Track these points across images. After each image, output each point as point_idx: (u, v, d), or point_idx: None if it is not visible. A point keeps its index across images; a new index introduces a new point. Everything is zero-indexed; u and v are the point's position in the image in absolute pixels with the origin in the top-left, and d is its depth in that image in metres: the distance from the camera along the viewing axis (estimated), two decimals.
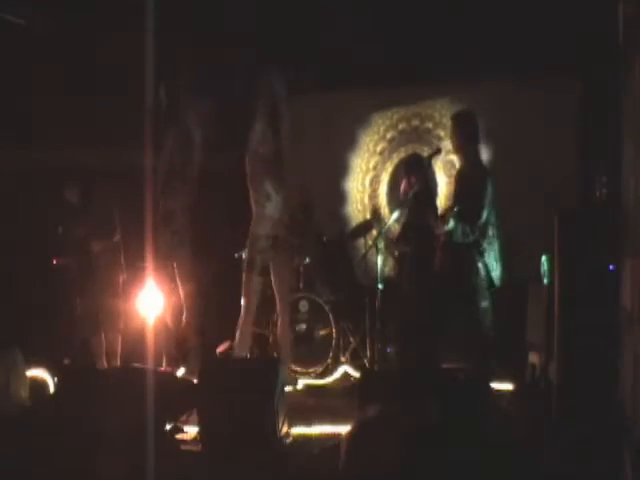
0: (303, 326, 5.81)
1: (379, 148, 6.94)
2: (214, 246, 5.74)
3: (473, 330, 4.43)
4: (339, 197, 6.99)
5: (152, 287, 5.35)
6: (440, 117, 6.69)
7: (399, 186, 5.45)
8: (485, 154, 5.78)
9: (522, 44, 5.70)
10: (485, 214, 4.35)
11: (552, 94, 6.10)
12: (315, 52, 6.13)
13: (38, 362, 5.15)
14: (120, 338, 5.51)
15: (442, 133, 6.64)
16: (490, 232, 4.38)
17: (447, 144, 6.35)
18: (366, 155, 6.98)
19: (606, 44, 4.37)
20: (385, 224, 5.18)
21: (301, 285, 6.01)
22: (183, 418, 4.36)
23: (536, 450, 3.62)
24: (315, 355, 5.75)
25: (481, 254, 4.35)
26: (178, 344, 5.86)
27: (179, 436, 4.25)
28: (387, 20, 5.79)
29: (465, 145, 4.50)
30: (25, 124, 5.91)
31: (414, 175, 5.03)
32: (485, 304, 4.37)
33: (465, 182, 4.45)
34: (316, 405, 4.92)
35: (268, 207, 4.95)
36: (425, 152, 6.05)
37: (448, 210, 4.61)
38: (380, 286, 4.99)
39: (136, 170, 5.57)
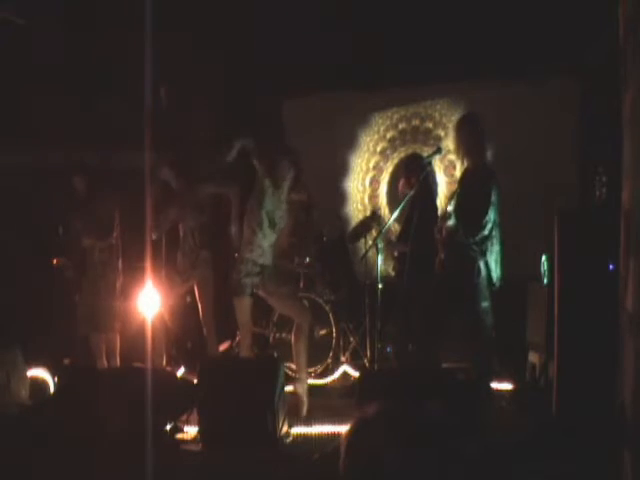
0: None
1: (379, 148, 6.94)
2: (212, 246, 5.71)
3: (473, 330, 4.42)
4: (339, 197, 6.99)
5: (151, 287, 5.36)
6: (440, 117, 6.69)
7: (399, 186, 5.45)
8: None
9: (522, 44, 5.70)
10: (489, 214, 4.34)
11: (552, 94, 6.11)
12: (315, 52, 6.13)
13: (38, 362, 5.16)
14: (118, 338, 5.51)
15: (442, 133, 6.65)
16: (493, 233, 4.37)
17: (447, 144, 6.37)
18: (366, 155, 6.98)
19: (606, 44, 4.37)
20: (385, 224, 5.18)
21: (301, 285, 6.01)
22: (183, 418, 4.36)
23: (536, 450, 3.63)
24: (315, 355, 5.74)
25: (483, 254, 4.35)
26: (178, 344, 5.87)
27: (179, 436, 4.26)
28: (387, 20, 5.80)
29: (473, 148, 4.48)
30: (25, 124, 5.91)
31: (414, 175, 5.02)
32: (485, 304, 4.36)
33: (471, 182, 4.44)
34: (316, 405, 4.92)
35: (259, 235, 4.76)
36: (425, 152, 6.05)
37: (447, 203, 4.61)
38: (380, 286, 4.99)
39: (136, 171, 5.57)
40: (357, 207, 7.03)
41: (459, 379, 4.04)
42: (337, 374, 5.73)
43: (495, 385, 4.77)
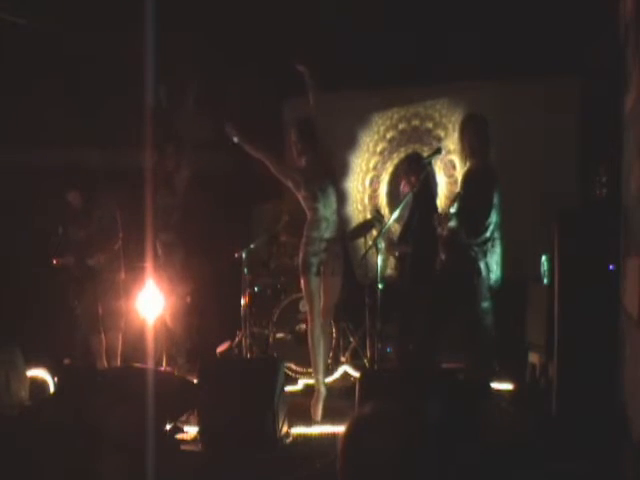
0: (303, 326, 5.79)
1: (379, 148, 6.94)
2: (212, 246, 5.71)
3: (473, 330, 4.42)
4: (339, 197, 6.97)
5: (152, 287, 5.36)
6: (440, 117, 6.68)
7: (399, 186, 5.45)
8: None
9: (522, 44, 5.70)
10: (491, 216, 4.35)
11: (552, 94, 6.10)
12: (315, 52, 6.13)
13: (38, 362, 5.15)
14: (121, 338, 5.51)
15: (442, 133, 6.64)
16: (494, 234, 4.38)
17: (447, 144, 6.38)
18: (366, 155, 6.97)
19: (606, 44, 4.37)
20: (385, 224, 5.17)
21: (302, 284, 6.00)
22: (183, 418, 4.36)
23: (536, 450, 3.63)
24: None
25: (484, 255, 4.35)
26: (178, 344, 5.86)
27: (179, 436, 4.26)
28: (387, 20, 5.80)
29: (477, 149, 4.48)
30: (25, 124, 5.91)
31: (414, 175, 5.02)
32: (486, 304, 4.37)
33: (473, 184, 4.43)
34: None
35: (320, 209, 4.71)
36: (425, 152, 6.04)
37: (450, 204, 4.60)
38: (380, 286, 4.99)
39: (136, 170, 5.58)
40: (357, 207, 7.02)
41: (459, 379, 4.04)
42: (337, 374, 5.72)
43: (495, 385, 4.77)
